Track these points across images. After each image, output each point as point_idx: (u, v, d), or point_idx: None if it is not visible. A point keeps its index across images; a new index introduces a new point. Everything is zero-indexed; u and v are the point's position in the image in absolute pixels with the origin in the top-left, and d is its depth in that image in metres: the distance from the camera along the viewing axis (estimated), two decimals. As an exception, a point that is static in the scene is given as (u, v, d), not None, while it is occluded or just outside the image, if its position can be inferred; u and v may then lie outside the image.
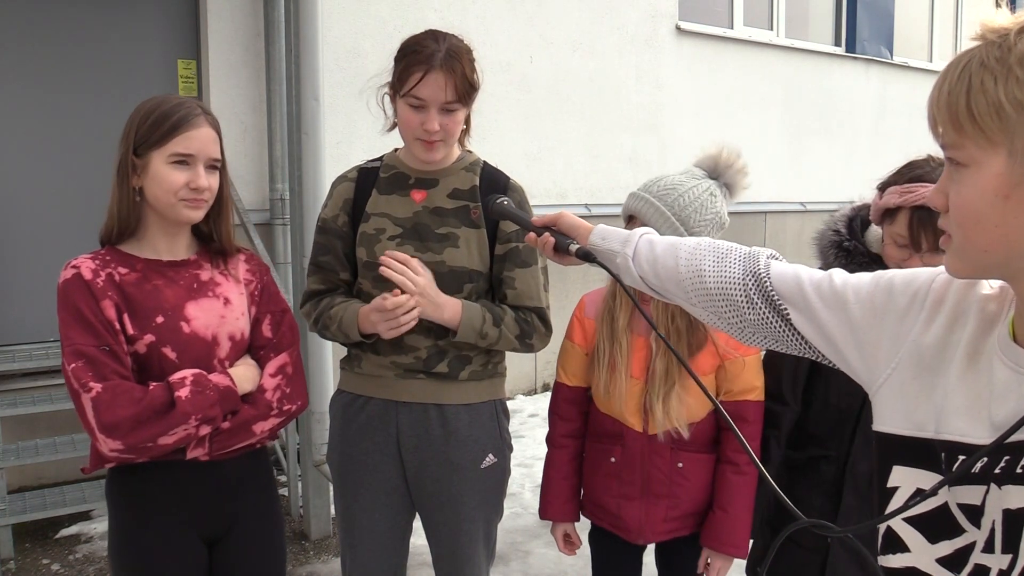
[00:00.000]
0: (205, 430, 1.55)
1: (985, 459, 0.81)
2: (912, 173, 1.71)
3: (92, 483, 3.53)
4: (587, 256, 1.30)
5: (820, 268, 1.71)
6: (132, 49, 3.96)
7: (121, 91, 3.94)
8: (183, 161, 1.57)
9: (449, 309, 1.78)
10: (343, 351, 1.98)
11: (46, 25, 3.77)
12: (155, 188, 1.57)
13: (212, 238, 1.70)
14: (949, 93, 0.79)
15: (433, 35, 1.77)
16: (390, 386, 1.87)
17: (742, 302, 1.11)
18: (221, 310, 1.66)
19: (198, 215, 1.62)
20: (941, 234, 1.72)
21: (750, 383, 1.88)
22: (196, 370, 1.57)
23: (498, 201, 1.53)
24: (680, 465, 1.90)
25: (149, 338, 1.56)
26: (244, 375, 1.64)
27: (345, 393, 1.94)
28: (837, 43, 7.21)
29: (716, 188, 1.87)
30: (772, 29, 6.67)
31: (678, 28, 5.91)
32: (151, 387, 1.52)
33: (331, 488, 3.29)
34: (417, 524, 1.99)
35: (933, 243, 1.65)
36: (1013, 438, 0.78)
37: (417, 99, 1.74)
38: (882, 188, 1.76)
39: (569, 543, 2.10)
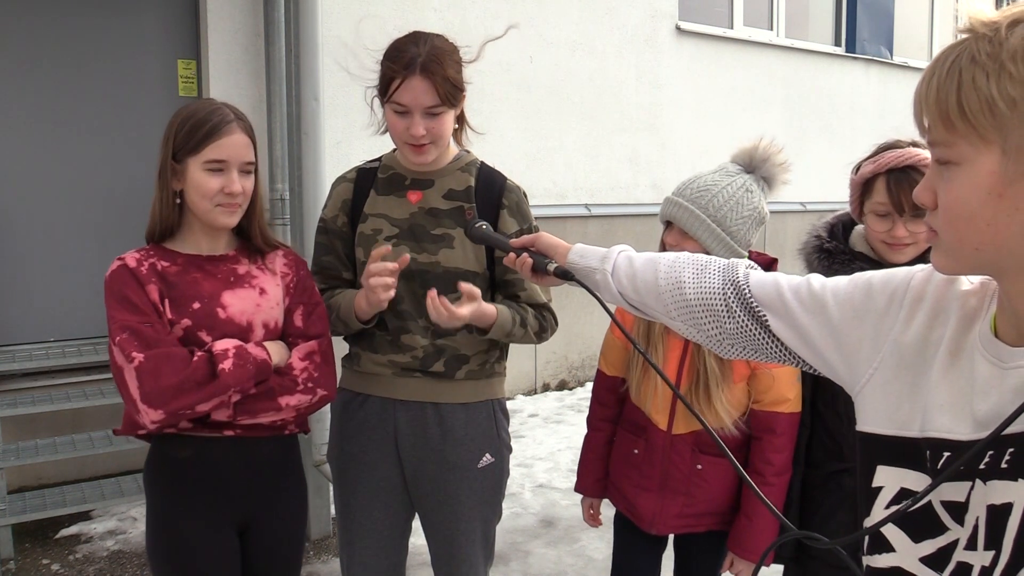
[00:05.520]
0: (236, 397, 1.63)
1: (966, 454, 0.80)
2: (882, 146, 1.80)
3: (92, 483, 3.54)
4: (565, 275, 1.31)
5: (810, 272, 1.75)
6: (132, 49, 3.95)
7: (121, 91, 3.94)
8: (218, 167, 1.64)
9: (484, 319, 1.78)
10: (346, 350, 1.98)
11: (46, 25, 3.77)
12: (192, 193, 1.66)
13: (250, 236, 1.78)
14: (938, 90, 0.77)
15: (415, 38, 1.76)
16: (388, 384, 1.87)
17: (722, 311, 1.11)
18: (257, 299, 1.73)
19: (233, 220, 1.70)
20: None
21: (782, 395, 1.87)
22: (237, 342, 1.64)
23: (476, 226, 1.54)
24: (699, 467, 1.93)
25: (186, 322, 1.64)
26: (276, 350, 1.71)
27: (344, 391, 1.95)
28: (837, 43, 7.21)
29: (752, 183, 1.86)
30: (772, 29, 6.66)
31: (678, 28, 5.91)
32: (195, 358, 1.58)
33: (331, 488, 3.30)
34: (417, 524, 1.99)
35: (913, 204, 1.67)
36: (992, 432, 0.77)
37: (399, 105, 1.73)
38: (857, 169, 1.84)
39: (592, 516, 2.19)
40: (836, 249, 1.84)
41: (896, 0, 7.52)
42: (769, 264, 1.87)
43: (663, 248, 1.91)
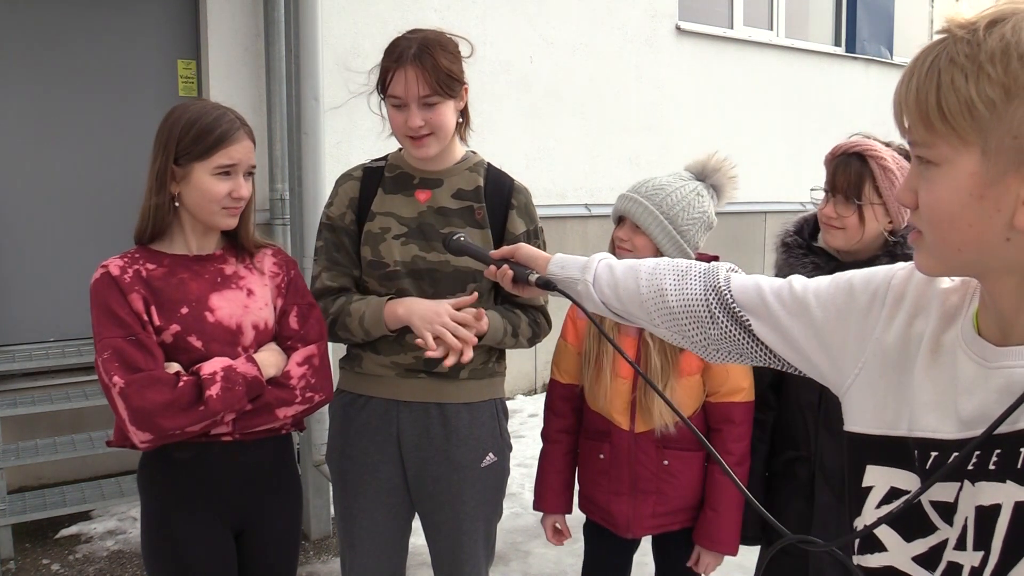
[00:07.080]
0: (231, 416, 1.62)
1: (955, 454, 0.79)
2: (855, 135, 1.89)
3: (92, 483, 3.54)
4: (547, 285, 1.31)
5: (775, 266, 1.79)
6: (132, 49, 3.95)
7: (121, 91, 3.94)
8: (226, 172, 1.65)
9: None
10: (344, 351, 1.98)
11: (46, 25, 3.77)
12: (196, 197, 1.65)
13: (239, 236, 1.77)
14: (918, 91, 0.77)
15: (408, 34, 1.78)
16: (391, 385, 1.87)
17: (705, 318, 1.11)
18: (244, 300, 1.72)
19: (234, 222, 1.71)
20: (854, 181, 1.75)
21: (737, 384, 1.91)
22: (226, 362, 1.62)
23: (455, 237, 1.55)
24: (666, 463, 1.94)
25: (175, 328, 1.63)
26: (268, 360, 1.70)
27: (345, 393, 1.94)
28: (837, 43, 7.21)
29: (703, 189, 1.95)
30: (772, 29, 6.66)
31: (678, 28, 5.91)
32: (180, 383, 1.56)
33: (331, 488, 3.29)
34: (417, 524, 1.99)
35: (844, 187, 1.78)
36: (983, 432, 0.77)
37: (395, 97, 1.75)
38: None
39: (558, 534, 2.13)
40: (794, 243, 1.92)
41: (896, 0, 7.52)
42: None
43: (612, 244, 1.97)
